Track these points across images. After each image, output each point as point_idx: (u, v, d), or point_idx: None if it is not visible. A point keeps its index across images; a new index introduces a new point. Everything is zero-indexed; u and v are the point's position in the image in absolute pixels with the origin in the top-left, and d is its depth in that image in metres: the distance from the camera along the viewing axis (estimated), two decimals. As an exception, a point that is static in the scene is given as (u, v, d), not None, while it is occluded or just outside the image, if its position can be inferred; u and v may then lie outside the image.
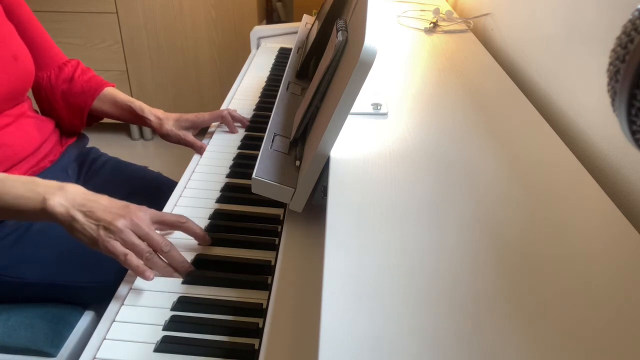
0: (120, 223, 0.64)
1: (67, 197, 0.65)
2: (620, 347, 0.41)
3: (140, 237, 0.65)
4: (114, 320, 0.60)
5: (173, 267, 0.67)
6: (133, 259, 0.63)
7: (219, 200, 0.83)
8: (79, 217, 0.64)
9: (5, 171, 0.86)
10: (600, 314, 0.44)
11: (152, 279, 0.64)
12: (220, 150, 0.98)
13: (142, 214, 0.66)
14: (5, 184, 0.66)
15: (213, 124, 1.06)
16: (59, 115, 1.02)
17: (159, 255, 0.66)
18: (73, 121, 1.03)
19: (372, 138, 0.71)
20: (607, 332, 0.42)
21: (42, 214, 0.65)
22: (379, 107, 0.79)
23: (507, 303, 0.45)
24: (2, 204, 0.66)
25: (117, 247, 0.63)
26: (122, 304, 0.63)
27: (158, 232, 0.68)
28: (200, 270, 0.68)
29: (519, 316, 0.43)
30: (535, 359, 0.40)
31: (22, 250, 0.81)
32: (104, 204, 0.66)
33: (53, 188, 0.66)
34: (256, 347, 0.57)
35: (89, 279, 0.81)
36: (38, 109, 1.03)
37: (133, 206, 0.67)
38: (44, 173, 0.93)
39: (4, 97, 0.86)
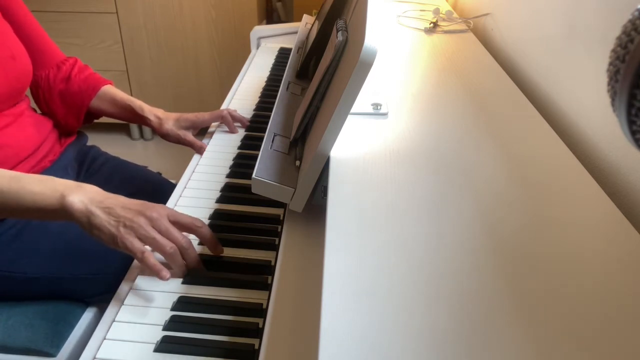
0: (141, 219, 0.64)
1: (85, 194, 0.65)
2: (620, 346, 0.41)
3: (160, 233, 0.65)
4: (114, 320, 0.60)
5: (187, 265, 0.67)
6: (150, 257, 0.63)
7: (219, 200, 0.83)
8: (99, 213, 0.64)
9: None
10: (599, 314, 0.44)
11: (168, 278, 0.63)
12: (220, 150, 0.98)
13: (161, 210, 0.66)
14: (21, 181, 0.66)
15: (213, 124, 1.06)
16: (56, 115, 1.02)
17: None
18: (70, 121, 1.02)
19: (372, 138, 0.71)
20: (606, 331, 0.42)
21: (60, 211, 0.65)
22: (379, 107, 0.79)
23: (507, 303, 0.45)
24: (20, 201, 0.65)
25: (136, 244, 0.63)
26: (122, 304, 0.63)
27: None
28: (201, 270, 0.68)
29: (519, 316, 0.43)
30: (534, 358, 0.40)
31: (22, 245, 0.81)
32: (122, 202, 0.66)
33: (71, 186, 0.66)
34: (256, 347, 0.58)
35: (90, 271, 0.81)
36: (36, 108, 1.02)
37: (151, 204, 0.67)
38: (44, 173, 0.93)
39: (2, 97, 0.86)
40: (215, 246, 0.70)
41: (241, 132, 1.05)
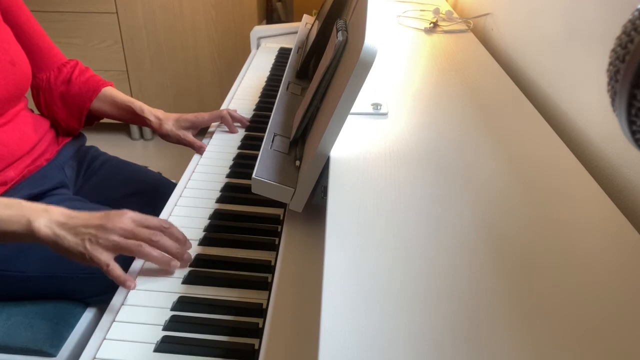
0: (102, 231, 0.65)
1: (50, 218, 0.66)
2: (619, 346, 0.41)
3: (126, 237, 0.66)
4: (114, 320, 0.60)
5: (170, 254, 0.67)
6: (115, 268, 0.64)
7: (219, 200, 0.83)
8: (65, 235, 0.65)
9: (1, 170, 0.86)
10: (599, 314, 0.44)
11: (133, 288, 0.64)
12: (220, 150, 0.98)
13: (123, 217, 0.67)
14: None
15: (213, 124, 1.06)
16: (57, 117, 1.02)
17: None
18: (71, 123, 1.03)
19: (372, 138, 0.71)
20: (606, 331, 0.42)
21: (27, 236, 0.66)
22: (379, 107, 0.79)
23: (506, 303, 0.45)
24: None
25: (102, 258, 0.64)
26: (122, 304, 0.63)
27: None
28: (200, 270, 0.68)
29: (519, 315, 0.43)
30: (534, 358, 0.40)
31: (20, 244, 0.81)
32: (84, 218, 0.67)
33: (38, 210, 0.67)
34: (256, 347, 0.58)
35: (89, 270, 0.81)
36: (34, 108, 1.02)
37: (113, 212, 0.68)
38: (40, 171, 0.93)
39: (1, 102, 0.86)
40: (185, 244, 0.71)
41: (241, 132, 1.05)
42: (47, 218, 0.66)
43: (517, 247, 0.51)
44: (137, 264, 0.69)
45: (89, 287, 0.82)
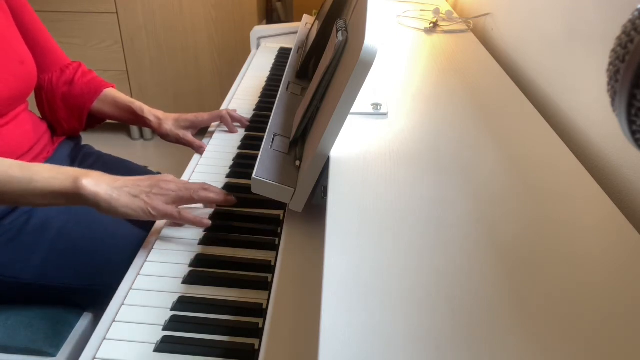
0: (157, 188, 0.70)
1: (98, 178, 0.68)
2: (619, 346, 0.41)
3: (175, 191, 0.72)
4: (114, 320, 0.60)
5: (212, 202, 0.75)
6: (187, 213, 0.72)
7: (219, 200, 0.83)
8: (117, 193, 0.67)
9: None
10: (599, 314, 0.44)
11: (208, 225, 0.74)
12: (220, 150, 0.98)
13: (168, 177, 0.73)
14: (31, 169, 0.68)
15: (213, 124, 1.06)
16: (58, 118, 1.02)
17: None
18: (72, 123, 1.03)
19: (372, 138, 0.71)
20: (605, 331, 0.42)
21: (73, 195, 0.67)
22: (379, 107, 0.79)
23: (506, 303, 0.45)
24: (32, 186, 0.67)
25: (168, 208, 0.69)
26: (122, 304, 0.63)
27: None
28: (200, 270, 0.68)
29: (518, 315, 0.43)
30: (534, 357, 0.40)
31: (16, 250, 0.81)
32: (131, 179, 0.70)
33: (80, 171, 0.69)
34: (256, 347, 0.58)
35: (83, 282, 0.80)
36: (34, 109, 1.03)
37: (156, 175, 0.73)
38: None
39: (9, 100, 0.86)
40: (227, 199, 0.77)
41: (241, 132, 1.05)
42: (95, 177, 0.68)
43: (517, 247, 0.51)
44: (141, 257, 0.70)
45: (82, 298, 0.81)
